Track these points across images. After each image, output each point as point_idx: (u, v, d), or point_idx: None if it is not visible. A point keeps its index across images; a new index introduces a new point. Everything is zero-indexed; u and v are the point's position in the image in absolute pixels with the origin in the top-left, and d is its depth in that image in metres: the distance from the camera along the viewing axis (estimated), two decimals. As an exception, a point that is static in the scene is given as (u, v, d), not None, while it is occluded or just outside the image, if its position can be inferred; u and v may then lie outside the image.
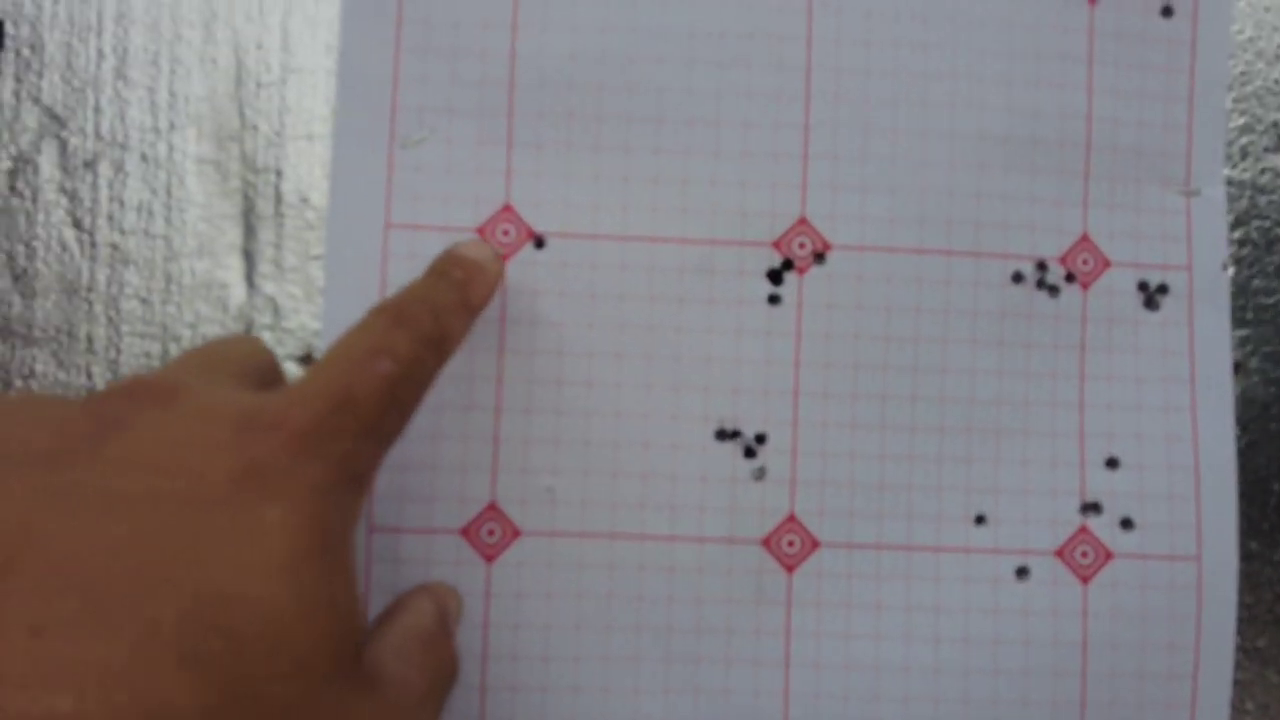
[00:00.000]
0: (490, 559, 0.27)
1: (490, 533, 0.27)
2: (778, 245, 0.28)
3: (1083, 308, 0.28)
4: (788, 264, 0.28)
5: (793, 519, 0.27)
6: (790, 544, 0.27)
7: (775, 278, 0.28)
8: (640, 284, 0.27)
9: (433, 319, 0.22)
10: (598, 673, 0.27)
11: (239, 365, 0.21)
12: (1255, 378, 0.29)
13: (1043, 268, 0.28)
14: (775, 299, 0.28)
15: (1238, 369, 0.29)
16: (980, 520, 0.28)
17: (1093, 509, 0.28)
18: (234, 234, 0.28)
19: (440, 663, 0.20)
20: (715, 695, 0.27)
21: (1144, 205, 0.28)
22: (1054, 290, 0.28)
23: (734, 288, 0.28)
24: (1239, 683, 0.28)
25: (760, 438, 0.27)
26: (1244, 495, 0.28)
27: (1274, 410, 0.29)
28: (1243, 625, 0.28)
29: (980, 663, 0.27)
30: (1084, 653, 0.27)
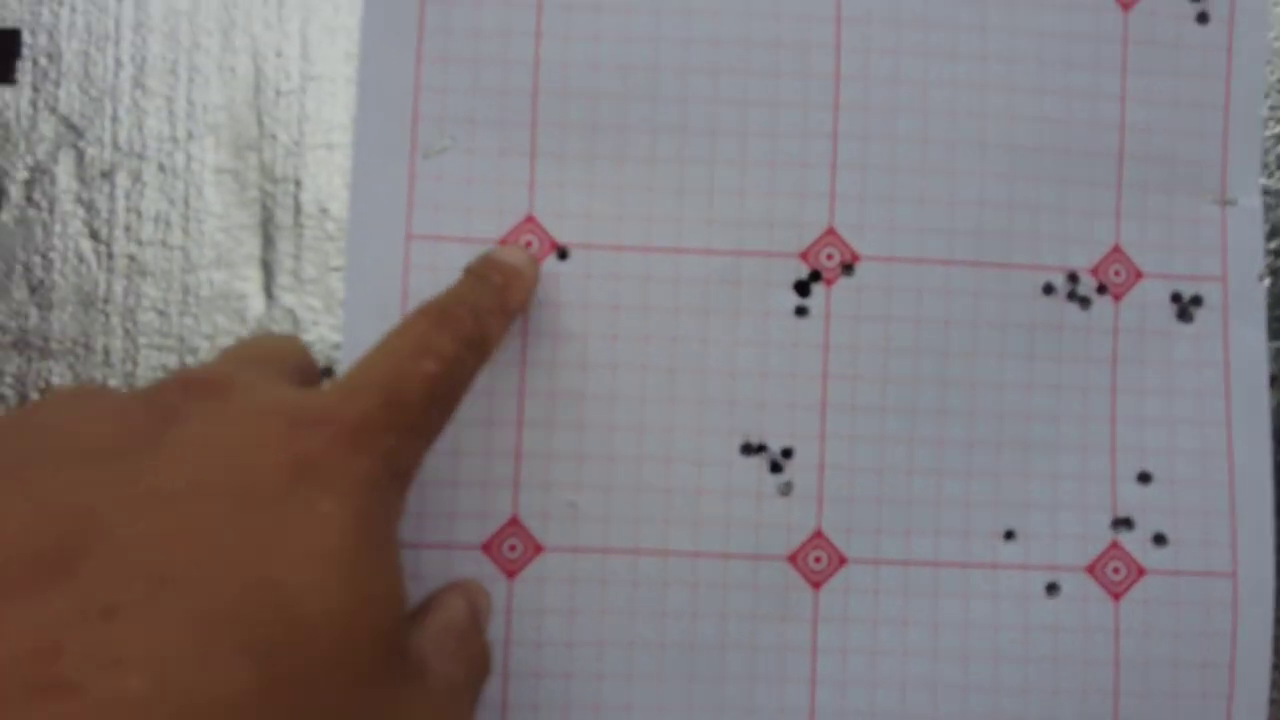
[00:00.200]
0: (512, 575, 0.27)
1: (512, 548, 0.27)
2: (805, 256, 0.27)
3: (1114, 320, 0.28)
4: (815, 275, 0.27)
5: (819, 535, 0.27)
6: (817, 560, 0.27)
7: (802, 289, 0.27)
8: (665, 296, 0.27)
9: (473, 321, 0.22)
10: (621, 691, 0.26)
11: (284, 362, 0.22)
12: (1290, 391, 0.29)
13: (1074, 279, 0.28)
14: (802, 311, 0.27)
15: (1274, 382, 0.28)
16: (1009, 535, 0.27)
17: (1124, 524, 0.28)
18: (252, 245, 0.28)
19: (475, 656, 0.21)
20: (740, 713, 0.27)
21: (1178, 215, 0.28)
22: (1085, 302, 0.28)
23: (760, 299, 0.27)
24: (1274, 702, 0.28)
25: (787, 452, 0.27)
26: (1280, 511, 0.28)
27: (1309, 424, 0.29)
28: (1279, 644, 0.28)
29: (1009, 681, 0.27)
30: (1116, 671, 0.27)
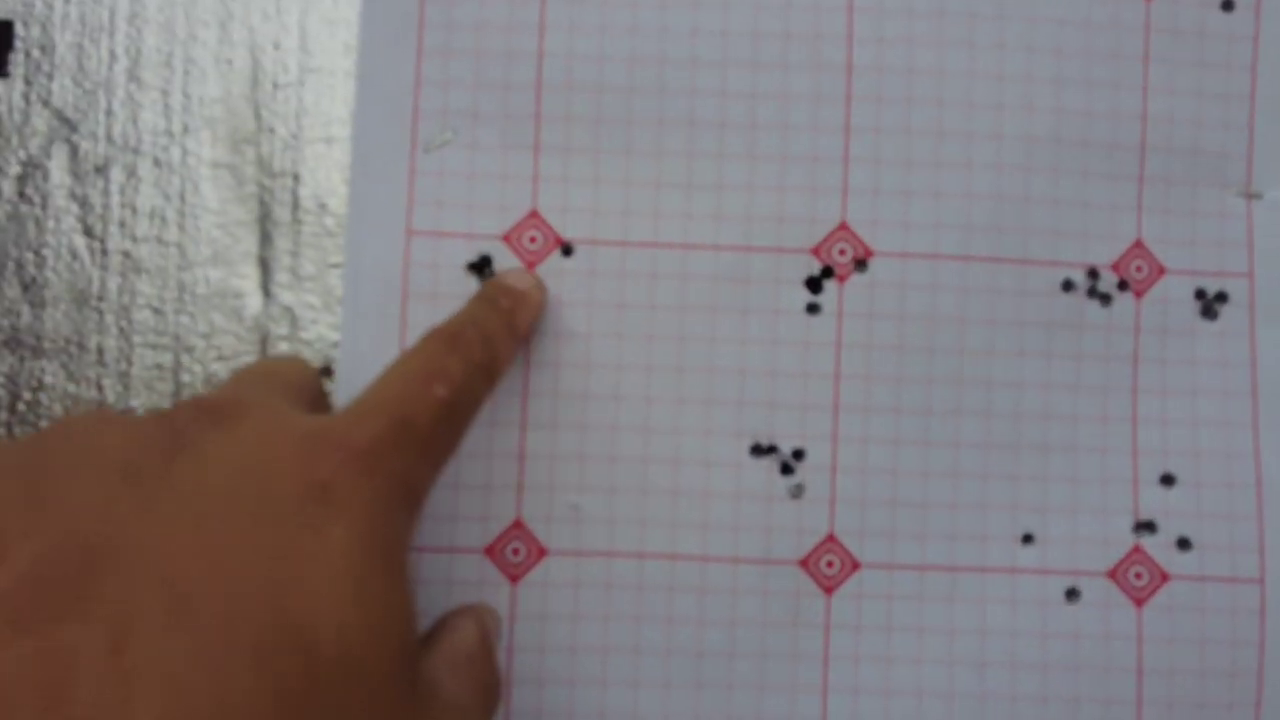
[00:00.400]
0: (515, 579, 0.26)
1: (515, 552, 0.26)
2: (817, 252, 0.27)
3: (1136, 317, 0.27)
4: (827, 271, 0.27)
5: (832, 539, 0.26)
6: (829, 565, 0.26)
7: (814, 286, 0.27)
8: (672, 293, 0.27)
9: (483, 345, 0.23)
10: (626, 698, 0.26)
11: (293, 386, 0.23)
12: (1318, 390, 0.28)
13: (1094, 275, 0.27)
14: (814, 308, 0.27)
15: (1301, 382, 0.28)
16: (1028, 539, 0.27)
17: (1147, 528, 0.27)
18: (249, 241, 0.27)
19: (486, 681, 0.21)
20: (749, 722, 0.26)
21: (1201, 209, 0.28)
22: (1106, 299, 0.27)
23: (771, 296, 0.27)
24: (1303, 712, 0.27)
25: (798, 453, 0.27)
26: (1308, 514, 0.27)
27: (1338, 425, 0.28)
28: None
29: (1028, 689, 0.26)
30: (1139, 680, 0.27)
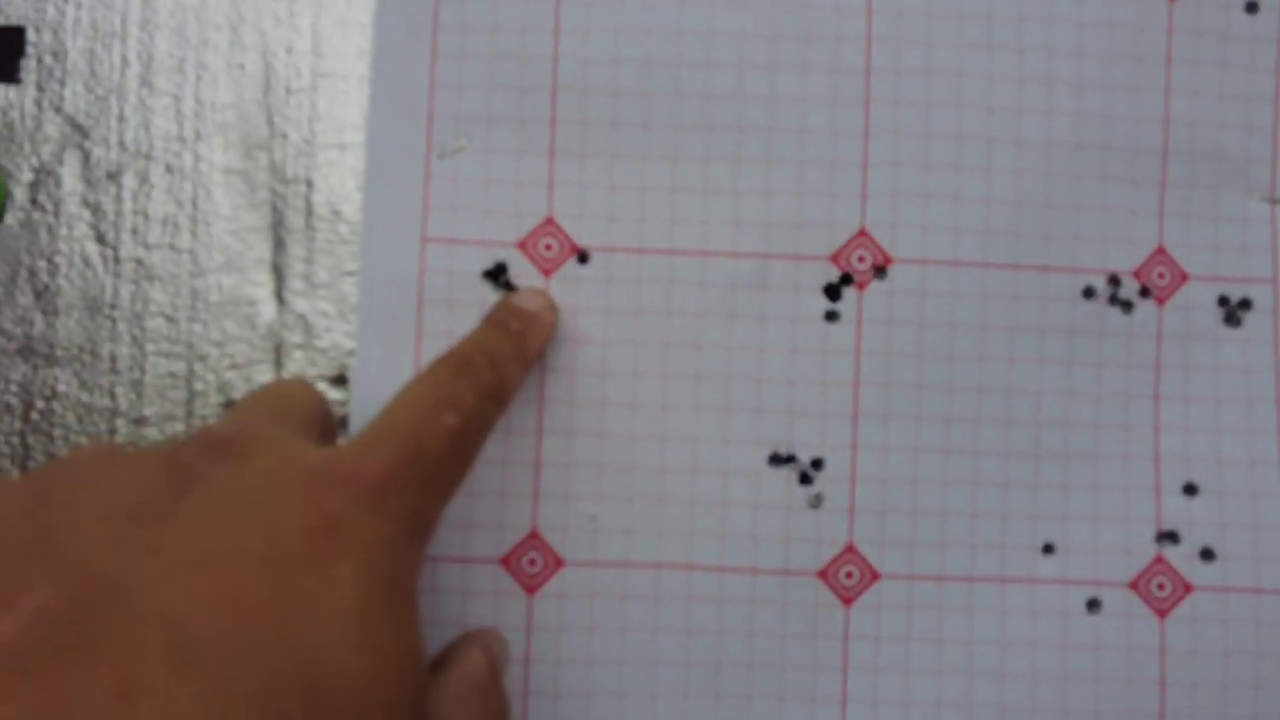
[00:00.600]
0: (532, 590, 0.26)
1: (531, 562, 0.26)
2: (835, 259, 0.27)
3: (1158, 324, 0.27)
4: (846, 279, 0.27)
5: (851, 549, 0.26)
6: (848, 575, 0.26)
7: (833, 293, 0.27)
8: (689, 300, 0.26)
9: (492, 370, 0.22)
10: (644, 710, 0.26)
11: (301, 414, 0.22)
12: (1343, 398, 0.28)
13: (1115, 282, 0.27)
14: (833, 316, 0.27)
15: (1326, 389, 0.27)
16: (1048, 549, 0.27)
17: (1169, 538, 0.27)
18: (263, 248, 0.27)
19: (495, 711, 0.21)
20: (767, 734, 0.26)
21: (1225, 214, 0.27)
22: (1127, 306, 0.27)
23: (789, 304, 0.26)
24: (1329, 724, 0.27)
25: (817, 463, 0.26)
26: (1333, 524, 0.27)
27: (1363, 432, 0.28)
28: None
29: (1048, 701, 0.26)
30: (1161, 692, 0.26)
